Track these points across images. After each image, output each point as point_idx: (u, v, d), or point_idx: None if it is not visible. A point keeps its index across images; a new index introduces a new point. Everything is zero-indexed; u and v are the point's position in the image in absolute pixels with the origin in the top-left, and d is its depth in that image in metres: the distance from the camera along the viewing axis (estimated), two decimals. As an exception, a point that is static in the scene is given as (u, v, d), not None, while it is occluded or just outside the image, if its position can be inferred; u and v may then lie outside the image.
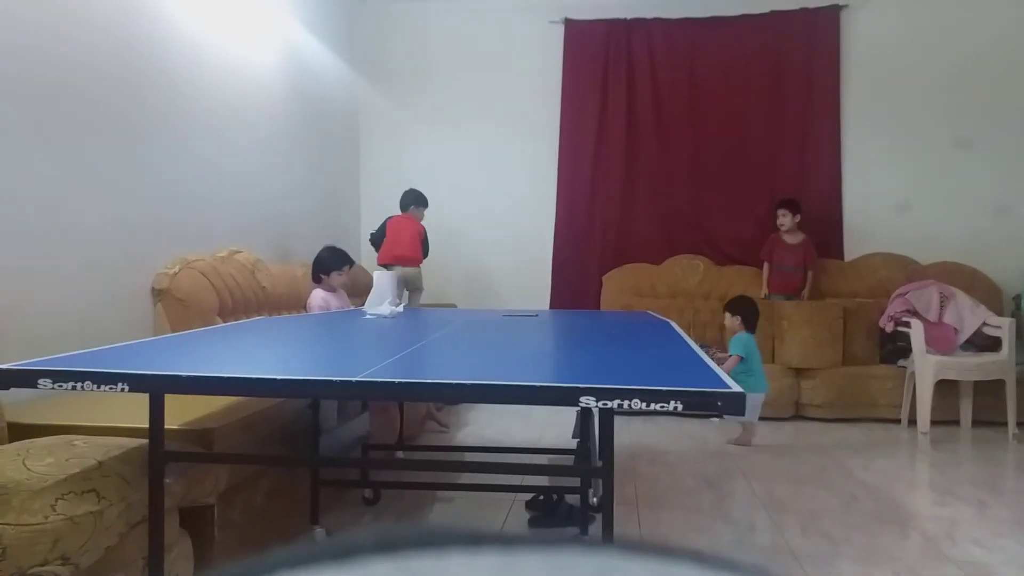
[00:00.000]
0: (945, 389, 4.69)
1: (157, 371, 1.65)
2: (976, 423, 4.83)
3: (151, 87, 3.54)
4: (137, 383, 1.59)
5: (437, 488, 3.38)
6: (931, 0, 5.79)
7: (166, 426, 1.94)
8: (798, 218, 5.58)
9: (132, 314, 3.29)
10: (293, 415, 2.71)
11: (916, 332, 4.73)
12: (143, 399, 1.86)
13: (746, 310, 4.58)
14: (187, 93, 3.85)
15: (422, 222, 5.34)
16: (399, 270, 5.01)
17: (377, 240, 5.35)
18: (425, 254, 5.32)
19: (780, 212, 5.63)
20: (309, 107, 5.38)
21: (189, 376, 1.58)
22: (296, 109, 5.16)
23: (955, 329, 4.90)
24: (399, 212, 5.32)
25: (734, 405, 1.40)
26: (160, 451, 1.89)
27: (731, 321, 4.60)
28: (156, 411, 1.89)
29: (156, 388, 1.77)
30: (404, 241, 5.22)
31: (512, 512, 3.15)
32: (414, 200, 5.34)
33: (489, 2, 6.21)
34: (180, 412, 2.22)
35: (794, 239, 5.62)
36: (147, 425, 1.88)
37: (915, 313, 4.95)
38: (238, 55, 4.37)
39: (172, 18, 3.70)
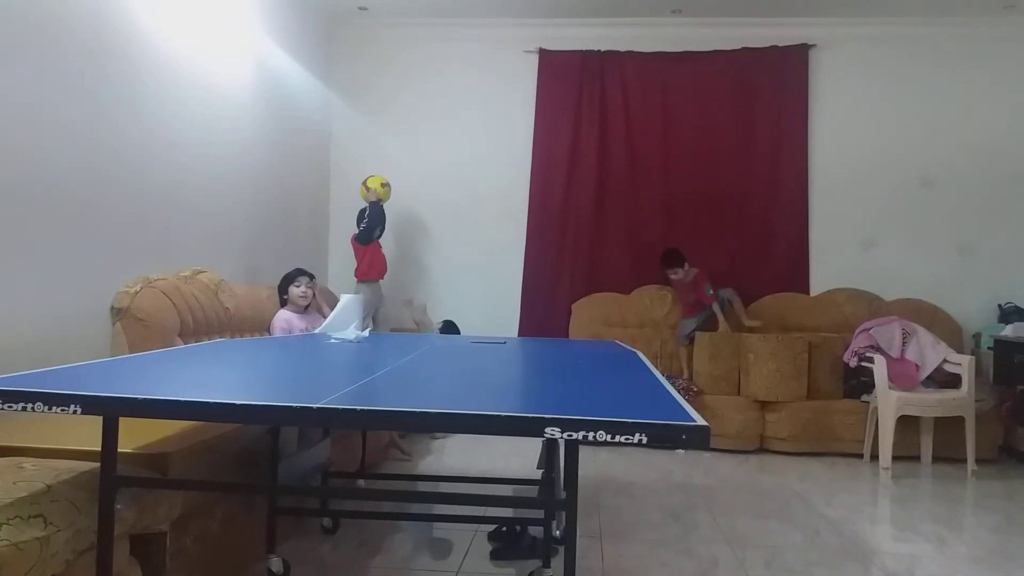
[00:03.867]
0: (907, 424, 4.74)
1: (111, 393, 1.60)
2: (936, 459, 4.89)
3: (116, 100, 3.49)
4: (90, 405, 1.54)
5: (398, 518, 3.32)
6: (895, 42, 5.95)
7: (120, 450, 1.88)
8: (687, 267, 5.60)
9: (89, 333, 3.22)
10: (252, 440, 2.65)
11: (879, 368, 4.79)
12: (97, 421, 1.81)
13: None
14: (153, 107, 3.80)
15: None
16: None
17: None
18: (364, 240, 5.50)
19: (671, 272, 5.65)
20: (281, 126, 5.35)
21: (144, 399, 1.54)
22: (267, 128, 5.12)
23: (917, 365, 4.97)
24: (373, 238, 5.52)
25: (698, 439, 1.39)
26: (112, 475, 1.84)
27: None
28: (109, 434, 1.83)
29: (110, 411, 1.72)
30: None
31: (474, 543, 3.11)
32: None
33: (465, 29, 6.26)
34: (135, 435, 2.16)
35: (687, 279, 5.64)
36: (99, 448, 1.83)
37: (878, 349, 5.02)
38: (208, 71, 4.34)
39: (142, 31, 3.67)
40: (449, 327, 5.66)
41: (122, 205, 3.52)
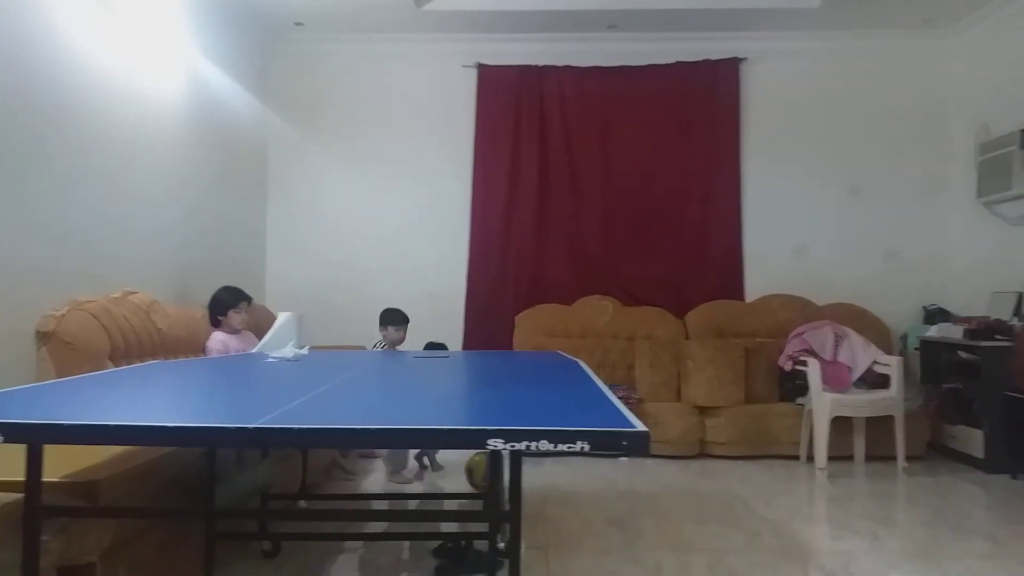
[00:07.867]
0: (840, 425, 4.87)
1: (34, 419, 1.53)
2: (869, 457, 5.04)
3: (40, 115, 3.37)
4: (12, 432, 1.48)
5: (340, 539, 3.27)
6: (822, 54, 6.16)
7: (46, 479, 1.81)
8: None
9: (12, 359, 3.09)
10: (188, 464, 2.57)
11: (813, 371, 4.91)
12: (22, 450, 1.73)
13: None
14: (80, 123, 3.68)
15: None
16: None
17: None
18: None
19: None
20: (214, 143, 5.24)
21: (70, 424, 1.48)
22: (201, 144, 5.01)
23: (848, 367, 5.12)
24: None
25: (639, 444, 1.40)
26: (36, 506, 1.76)
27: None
28: (33, 463, 1.76)
29: (33, 438, 1.65)
30: None
31: (419, 560, 3.08)
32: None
33: (404, 44, 6.24)
34: (63, 463, 2.08)
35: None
36: (23, 478, 1.75)
37: (812, 352, 5.15)
38: (138, 86, 4.22)
39: (68, 45, 3.55)
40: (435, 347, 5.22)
41: (48, 224, 3.40)
